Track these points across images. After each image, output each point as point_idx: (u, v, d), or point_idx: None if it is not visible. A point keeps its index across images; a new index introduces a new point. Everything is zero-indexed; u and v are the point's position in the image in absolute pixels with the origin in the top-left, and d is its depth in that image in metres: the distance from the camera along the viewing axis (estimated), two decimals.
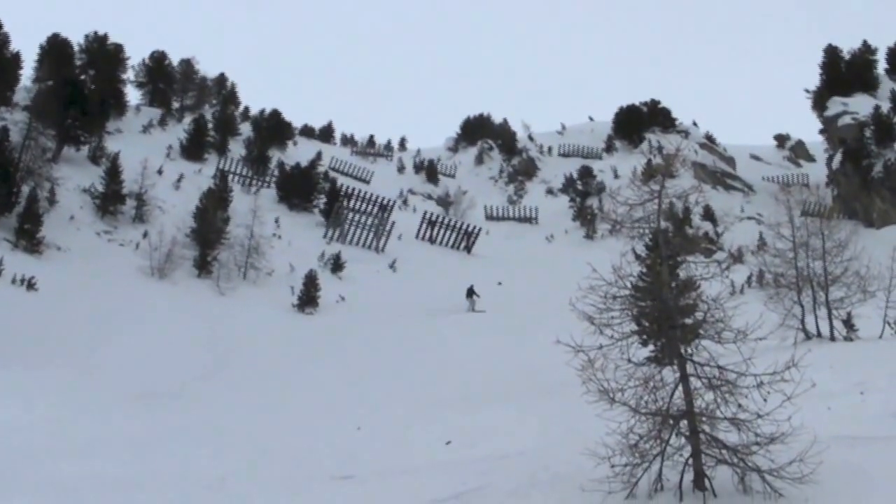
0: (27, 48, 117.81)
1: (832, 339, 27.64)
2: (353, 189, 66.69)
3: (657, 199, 12.08)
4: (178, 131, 72.60)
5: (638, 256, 13.16)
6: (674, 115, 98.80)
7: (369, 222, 60.45)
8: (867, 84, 79.08)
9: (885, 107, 71.55)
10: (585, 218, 71.58)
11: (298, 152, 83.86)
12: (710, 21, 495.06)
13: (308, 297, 43.71)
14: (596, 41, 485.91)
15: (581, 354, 11.62)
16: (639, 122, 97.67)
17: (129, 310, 37.71)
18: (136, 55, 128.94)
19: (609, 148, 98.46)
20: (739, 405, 11.25)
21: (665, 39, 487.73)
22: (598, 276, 11.89)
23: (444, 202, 79.02)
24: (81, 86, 62.14)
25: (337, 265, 50.76)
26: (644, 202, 12.18)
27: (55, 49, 70.90)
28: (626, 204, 12.35)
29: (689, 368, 11.61)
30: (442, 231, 64.91)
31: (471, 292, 46.18)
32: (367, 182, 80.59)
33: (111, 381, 29.11)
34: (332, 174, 76.24)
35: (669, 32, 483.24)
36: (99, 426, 22.10)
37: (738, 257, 50.98)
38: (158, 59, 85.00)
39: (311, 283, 44.07)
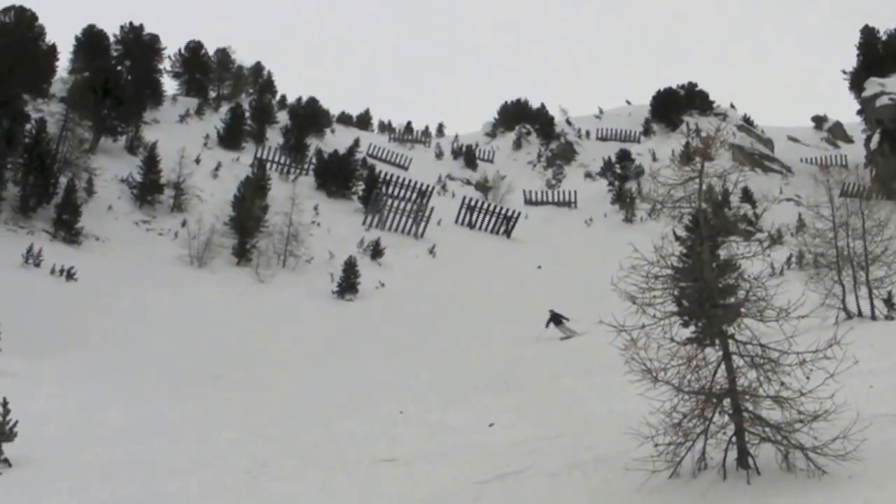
0: (63, 40, 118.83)
1: (873, 317, 27.52)
2: (392, 175, 66.89)
3: (698, 178, 12.10)
4: (214, 120, 72.96)
5: (678, 237, 13.16)
6: (711, 97, 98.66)
7: (408, 208, 60.59)
8: None
9: None
10: (624, 201, 71.17)
11: (336, 140, 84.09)
12: (746, 3, 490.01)
13: (348, 284, 43.96)
14: (633, 25, 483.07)
15: (624, 334, 11.68)
16: (676, 105, 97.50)
17: (168, 298, 38.15)
18: (172, 45, 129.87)
19: (647, 131, 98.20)
20: (782, 383, 11.23)
21: (702, 22, 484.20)
22: (639, 255, 11.92)
23: (483, 187, 78.99)
24: (118, 77, 62.78)
25: (376, 251, 50.98)
26: (685, 182, 12.20)
27: (91, 40, 71.70)
28: (666, 184, 12.37)
29: (732, 347, 11.61)
30: (481, 216, 64.94)
31: (557, 319, 34.50)
32: (406, 168, 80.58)
33: (151, 367, 29.47)
34: (370, 161, 76.34)
35: (706, 15, 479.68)
36: (138, 412, 22.32)
37: (777, 238, 50.61)
38: (194, 49, 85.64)
39: (350, 269, 44.30)
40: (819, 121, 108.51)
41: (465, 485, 13.87)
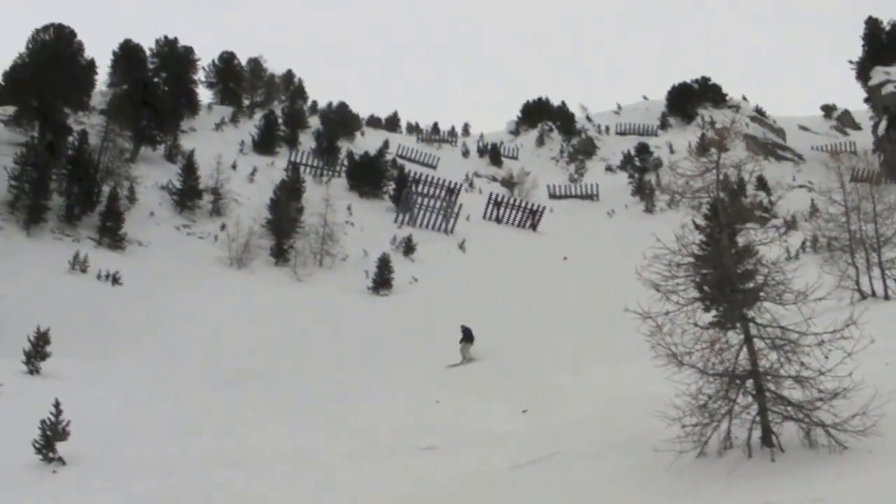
0: (101, 55, 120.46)
1: (886, 297, 28.10)
2: (421, 174, 67.44)
3: (715, 169, 12.59)
4: (249, 127, 74.34)
5: (698, 226, 13.63)
6: (724, 90, 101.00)
7: (437, 205, 61.22)
8: None
9: None
10: (644, 192, 72.02)
11: (366, 142, 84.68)
12: None
13: (382, 280, 44.65)
14: (646, 22, 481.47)
15: (649, 321, 12.18)
16: (691, 98, 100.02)
17: (209, 298, 39.00)
18: (206, 56, 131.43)
19: (663, 125, 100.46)
20: (802, 363, 11.69)
21: (713, 16, 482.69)
22: (661, 244, 12.43)
23: (509, 183, 79.54)
24: (155, 88, 64.20)
25: (408, 248, 51.60)
26: (702, 173, 12.69)
27: (128, 54, 72.96)
28: (684, 175, 12.87)
29: (753, 330, 12.10)
30: (507, 211, 65.47)
31: (469, 336, 31.29)
32: (434, 167, 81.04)
33: (194, 366, 30.34)
34: (400, 161, 77.07)
35: (716, 9, 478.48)
36: (184, 408, 22.80)
37: (792, 224, 51.00)
38: (227, 59, 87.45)
39: (384, 265, 44.99)
40: (828, 109, 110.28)
41: (502, 469, 14.39)
